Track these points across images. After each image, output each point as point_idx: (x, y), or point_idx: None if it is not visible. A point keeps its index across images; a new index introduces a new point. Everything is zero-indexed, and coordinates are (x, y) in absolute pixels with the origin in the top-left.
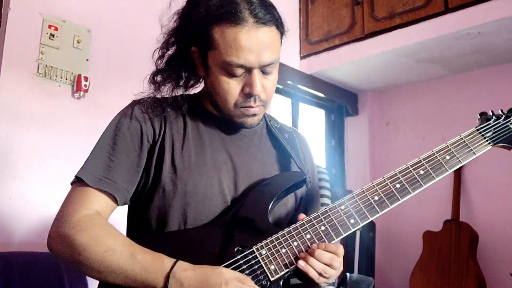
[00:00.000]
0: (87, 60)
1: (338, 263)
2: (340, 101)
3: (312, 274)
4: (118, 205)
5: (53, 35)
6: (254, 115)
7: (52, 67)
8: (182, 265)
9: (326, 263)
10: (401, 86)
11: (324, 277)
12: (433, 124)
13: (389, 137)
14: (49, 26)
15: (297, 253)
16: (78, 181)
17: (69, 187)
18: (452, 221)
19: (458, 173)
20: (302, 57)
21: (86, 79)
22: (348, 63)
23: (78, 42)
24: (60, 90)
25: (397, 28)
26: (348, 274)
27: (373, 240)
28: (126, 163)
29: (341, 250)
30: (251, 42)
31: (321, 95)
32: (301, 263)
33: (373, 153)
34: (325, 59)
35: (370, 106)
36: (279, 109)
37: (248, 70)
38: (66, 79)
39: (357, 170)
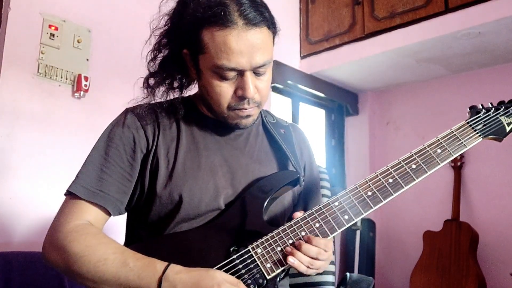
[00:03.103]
0: (87, 60)
1: (325, 256)
2: (340, 101)
3: (302, 269)
4: (112, 215)
5: (53, 35)
6: (248, 116)
7: (52, 67)
8: (174, 268)
9: (312, 257)
10: (401, 86)
11: (312, 268)
12: (433, 124)
13: (389, 137)
14: (49, 26)
15: None
16: (70, 194)
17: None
18: (452, 221)
19: (458, 173)
20: (302, 57)
21: (86, 79)
22: (348, 63)
23: (78, 42)
24: (60, 90)
25: (398, 28)
26: (348, 274)
27: (373, 240)
28: (118, 174)
29: (329, 246)
30: (241, 44)
31: (321, 95)
32: (290, 260)
33: (373, 153)
34: (325, 59)
35: (370, 106)
36: (280, 109)
37: (240, 73)
38: (66, 79)
39: (357, 170)
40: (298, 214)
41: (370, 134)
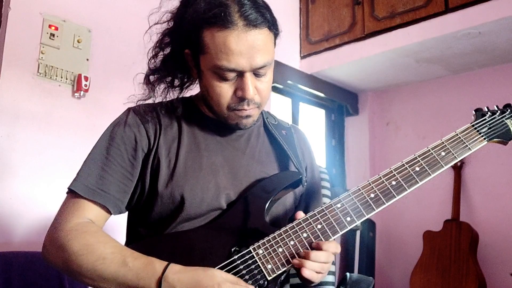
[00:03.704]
0: (87, 60)
1: (332, 258)
2: (341, 101)
3: (315, 279)
4: (113, 214)
5: (53, 35)
6: (248, 116)
7: (52, 66)
8: (173, 268)
9: (322, 262)
10: (401, 86)
11: (321, 273)
12: (433, 124)
13: (389, 137)
14: (50, 26)
15: (294, 252)
16: (71, 192)
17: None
18: (452, 221)
19: (458, 173)
20: (303, 57)
21: (86, 78)
22: (349, 63)
23: (78, 42)
24: (61, 89)
25: (398, 28)
26: (348, 274)
27: (373, 240)
28: (119, 173)
29: (338, 248)
30: (241, 45)
31: (322, 95)
32: (306, 272)
33: (373, 153)
34: (326, 59)
35: (371, 106)
36: (280, 109)
37: (240, 74)
38: (67, 79)
39: (357, 170)
40: (301, 215)
41: (370, 134)
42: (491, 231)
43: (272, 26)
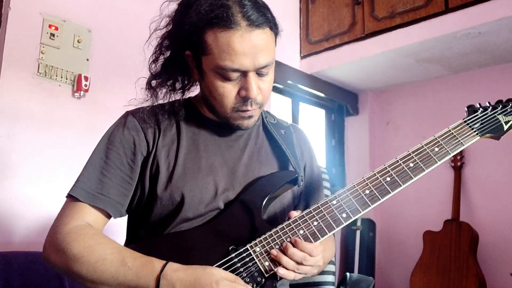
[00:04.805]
0: (87, 60)
1: (313, 261)
2: (341, 101)
3: (290, 277)
4: (113, 218)
5: (53, 35)
6: (251, 117)
7: (52, 66)
8: (172, 266)
9: (297, 262)
10: (401, 85)
11: (299, 273)
12: (433, 124)
13: (389, 137)
14: (50, 26)
15: None
16: (71, 197)
17: (69, 186)
18: (452, 221)
19: (458, 173)
20: (303, 57)
21: (86, 78)
22: (349, 63)
23: (78, 41)
24: (61, 89)
25: (398, 28)
26: (348, 273)
27: (373, 240)
28: (119, 177)
29: (315, 252)
30: (244, 46)
31: (322, 95)
32: (280, 271)
33: (373, 153)
34: (326, 59)
35: (371, 105)
36: (280, 109)
37: (244, 74)
38: (67, 79)
39: (357, 169)
40: (295, 214)
41: (370, 134)
42: (491, 231)
43: (273, 26)
